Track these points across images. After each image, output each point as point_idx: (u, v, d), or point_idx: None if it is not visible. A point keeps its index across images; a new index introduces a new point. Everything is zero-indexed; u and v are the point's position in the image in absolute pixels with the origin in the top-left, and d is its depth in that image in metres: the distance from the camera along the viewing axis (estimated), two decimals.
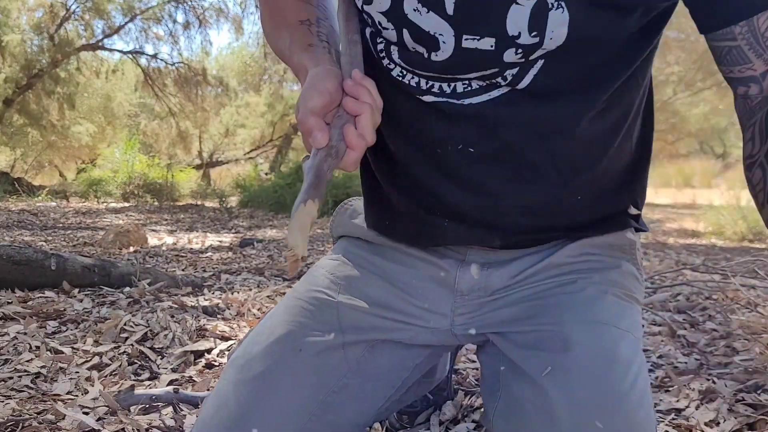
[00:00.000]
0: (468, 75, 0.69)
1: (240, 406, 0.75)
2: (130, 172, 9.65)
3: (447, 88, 0.71)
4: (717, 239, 5.98)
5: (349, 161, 0.64)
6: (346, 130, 0.64)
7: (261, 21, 0.88)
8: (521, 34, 0.63)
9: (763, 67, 0.57)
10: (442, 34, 0.66)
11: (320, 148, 0.63)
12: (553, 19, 0.62)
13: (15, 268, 2.33)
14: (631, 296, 0.80)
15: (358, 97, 0.65)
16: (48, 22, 12.45)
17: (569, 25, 0.62)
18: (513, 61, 0.66)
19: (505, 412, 0.73)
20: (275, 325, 0.82)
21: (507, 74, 0.68)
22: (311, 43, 0.76)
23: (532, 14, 0.62)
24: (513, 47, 0.64)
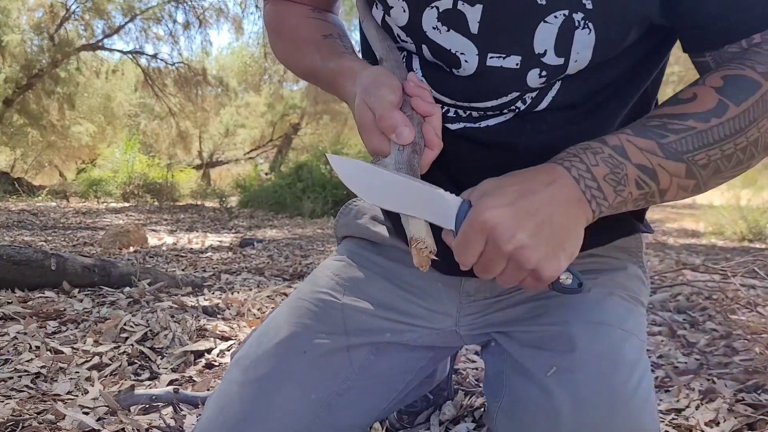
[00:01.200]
0: (487, 103, 0.69)
1: (244, 406, 0.75)
2: (130, 172, 9.66)
3: (463, 113, 0.72)
4: (717, 239, 5.98)
5: (427, 161, 0.64)
6: (425, 129, 0.63)
7: (275, 50, 0.86)
8: (547, 52, 0.64)
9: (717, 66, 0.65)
10: (464, 53, 0.66)
11: (406, 144, 0.61)
12: (579, 40, 0.63)
13: (15, 268, 2.34)
14: (636, 298, 0.80)
15: (424, 98, 0.65)
16: (48, 22, 12.46)
17: (594, 48, 0.63)
18: (535, 86, 0.67)
19: (509, 411, 0.73)
20: (280, 326, 0.82)
21: (527, 97, 0.68)
22: (344, 52, 0.75)
23: (560, 32, 0.62)
24: (538, 67, 0.65)
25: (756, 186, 6.82)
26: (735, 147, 0.61)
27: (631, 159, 0.60)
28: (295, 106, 17.00)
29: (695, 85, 0.63)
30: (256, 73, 16.58)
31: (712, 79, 0.62)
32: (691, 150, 0.60)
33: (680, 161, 0.60)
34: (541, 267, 0.57)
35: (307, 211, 7.61)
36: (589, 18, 0.62)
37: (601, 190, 0.60)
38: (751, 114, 0.60)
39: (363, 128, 0.65)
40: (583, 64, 0.64)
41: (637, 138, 0.60)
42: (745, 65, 0.61)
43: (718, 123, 0.60)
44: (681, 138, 0.60)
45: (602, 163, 0.60)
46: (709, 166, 0.61)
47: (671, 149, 0.60)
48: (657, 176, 0.61)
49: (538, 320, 0.76)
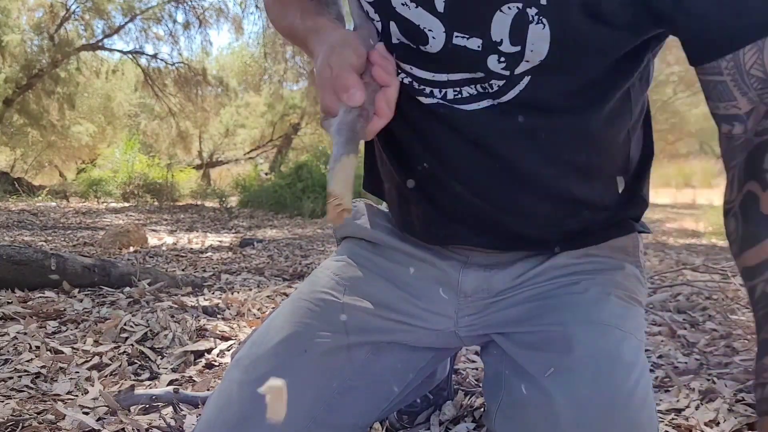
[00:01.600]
0: (457, 74, 0.69)
1: (244, 406, 0.75)
2: (130, 172, 9.66)
3: (438, 93, 0.71)
4: (717, 239, 5.98)
5: (373, 129, 0.64)
6: (378, 97, 0.63)
7: (265, 4, 0.88)
8: (503, 42, 0.64)
9: (747, 106, 0.56)
10: (432, 30, 0.66)
11: (354, 106, 0.61)
12: (534, 33, 0.62)
13: (15, 268, 2.33)
14: (634, 298, 0.80)
15: (386, 68, 0.65)
16: (48, 22, 12.45)
17: (551, 42, 0.62)
18: (498, 71, 0.66)
19: (508, 412, 0.73)
20: (280, 325, 0.82)
21: (493, 83, 0.68)
22: (323, 14, 0.76)
23: (513, 23, 0.62)
24: (496, 54, 0.65)
25: None
26: None
27: None
28: (295, 106, 16.99)
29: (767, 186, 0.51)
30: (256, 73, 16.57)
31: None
32: None
33: None
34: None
35: (307, 211, 7.61)
36: (543, 14, 0.60)
37: None
38: None
39: (320, 84, 0.65)
40: (541, 55, 0.63)
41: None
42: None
43: None
44: None
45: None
46: None
47: None
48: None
49: (536, 321, 0.76)
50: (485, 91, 0.69)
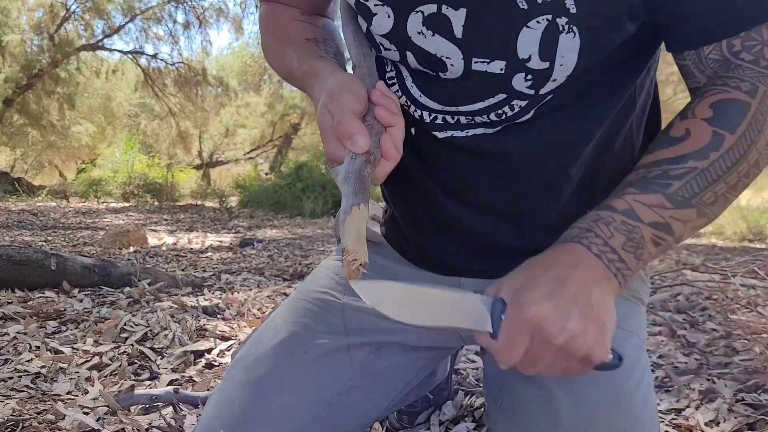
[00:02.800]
0: (474, 105, 0.69)
1: (244, 406, 0.75)
2: (130, 172, 9.66)
3: (451, 120, 0.71)
4: (717, 239, 5.98)
5: (382, 172, 0.62)
6: (383, 139, 0.62)
7: (263, 46, 0.86)
8: (531, 58, 0.63)
9: (705, 80, 0.65)
10: (450, 57, 0.66)
11: (360, 153, 0.59)
12: (564, 44, 0.62)
13: (15, 268, 2.34)
14: (636, 297, 0.80)
15: (389, 107, 0.63)
16: (48, 22, 12.46)
17: (579, 52, 0.62)
18: (522, 90, 0.66)
19: (509, 411, 0.73)
20: (280, 326, 0.82)
21: (514, 104, 0.67)
22: (321, 56, 0.75)
23: (543, 37, 0.61)
24: (523, 72, 0.64)
25: (756, 186, 6.83)
26: (739, 175, 0.61)
27: (643, 220, 0.59)
28: (295, 106, 17.00)
29: (685, 118, 0.63)
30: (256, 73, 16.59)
31: (700, 109, 0.62)
32: (697, 192, 0.60)
33: (690, 207, 0.60)
34: (592, 352, 0.56)
35: (307, 211, 7.62)
36: (573, 22, 0.60)
37: (623, 260, 0.59)
38: (747, 138, 0.60)
39: (322, 132, 0.64)
40: (569, 68, 0.63)
41: (644, 195, 0.60)
42: (730, 86, 0.61)
43: (718, 156, 0.60)
44: (685, 183, 0.60)
45: (617, 233, 0.59)
46: (718, 201, 0.61)
47: (679, 197, 0.60)
48: (671, 228, 0.60)
49: None
50: (499, 119, 0.69)
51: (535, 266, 0.60)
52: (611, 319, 0.58)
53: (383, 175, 0.62)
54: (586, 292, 0.56)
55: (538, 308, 0.55)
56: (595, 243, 0.59)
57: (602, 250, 0.59)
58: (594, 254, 0.59)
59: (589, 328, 0.55)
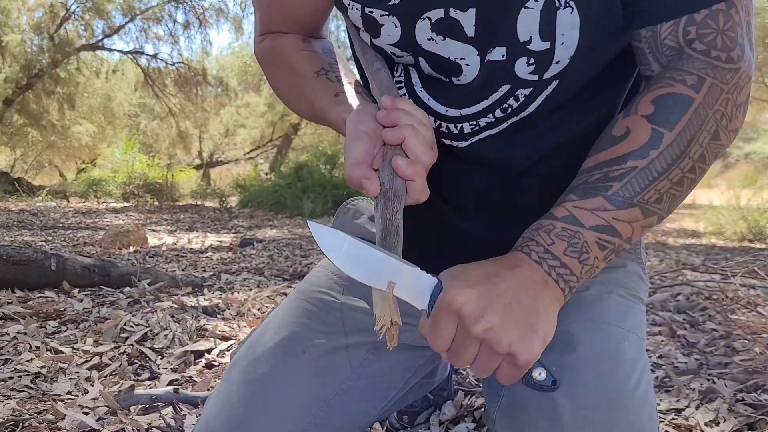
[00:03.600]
0: (479, 105, 0.68)
1: (244, 407, 0.75)
2: (130, 172, 9.66)
3: (454, 129, 0.71)
4: (717, 239, 5.98)
5: (415, 192, 0.61)
6: (394, 165, 0.61)
7: (271, 80, 0.84)
8: (532, 39, 0.63)
9: (658, 69, 0.63)
10: (464, 58, 0.66)
11: (375, 196, 0.60)
12: (563, 21, 0.61)
13: (15, 268, 2.34)
14: (636, 296, 0.80)
15: (394, 123, 0.63)
16: (48, 22, 12.46)
17: (580, 29, 0.62)
18: (525, 77, 0.66)
19: (508, 412, 0.73)
20: (279, 326, 0.82)
21: (519, 94, 0.67)
22: (337, 92, 0.74)
23: (542, 16, 0.61)
24: (525, 55, 0.64)
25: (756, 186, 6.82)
26: (682, 171, 0.60)
27: (584, 224, 0.59)
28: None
29: (627, 115, 0.62)
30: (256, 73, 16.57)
31: (642, 105, 0.61)
32: (638, 191, 0.60)
33: (632, 206, 0.60)
34: (515, 350, 0.55)
35: (307, 211, 7.61)
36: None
37: (565, 266, 0.59)
38: (687, 134, 0.59)
39: None
40: (571, 47, 0.63)
41: (584, 200, 0.60)
42: (675, 79, 0.60)
43: (657, 154, 0.59)
44: (625, 183, 0.59)
45: (557, 239, 0.59)
46: (663, 198, 0.61)
47: (620, 198, 0.59)
48: (616, 230, 0.60)
49: None
50: (505, 114, 0.69)
51: (476, 264, 0.60)
52: (546, 325, 0.57)
53: (419, 191, 0.62)
54: (515, 291, 0.56)
55: (461, 294, 0.55)
56: (536, 250, 0.59)
57: (542, 256, 0.59)
58: (534, 260, 0.59)
59: (511, 325, 0.55)
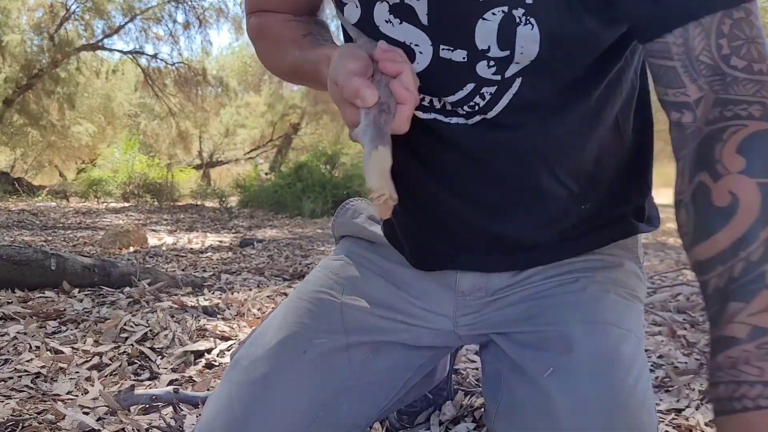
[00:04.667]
0: (447, 98, 0.68)
1: (244, 407, 0.75)
2: (130, 172, 9.66)
3: (437, 103, 0.71)
4: None
5: (402, 117, 0.60)
6: (393, 85, 0.60)
7: (260, 56, 0.85)
8: (491, 48, 0.63)
9: (696, 94, 0.54)
10: (418, 45, 0.66)
11: (370, 106, 0.59)
12: (523, 35, 0.61)
13: (15, 268, 2.33)
14: (634, 295, 0.80)
15: (393, 58, 0.62)
16: (48, 22, 12.46)
17: (541, 42, 0.61)
18: (488, 77, 0.65)
19: (507, 412, 0.73)
20: (279, 326, 0.82)
21: (484, 92, 0.67)
22: (323, 44, 0.75)
23: (500, 29, 0.61)
24: (485, 60, 0.64)
25: None
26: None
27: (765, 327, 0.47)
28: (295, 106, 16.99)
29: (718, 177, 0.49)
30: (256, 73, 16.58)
31: (728, 160, 0.49)
32: None
33: None
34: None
35: (307, 211, 7.61)
36: (530, 13, 0.59)
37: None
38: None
39: (336, 104, 0.64)
40: (531, 54, 0.62)
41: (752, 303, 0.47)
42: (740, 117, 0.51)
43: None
44: None
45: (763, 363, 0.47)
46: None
47: None
48: None
49: (534, 320, 0.76)
50: (472, 110, 0.69)
51: None
52: None
53: (405, 120, 0.60)
54: None
55: None
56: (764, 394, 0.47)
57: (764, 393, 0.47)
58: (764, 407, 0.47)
59: None
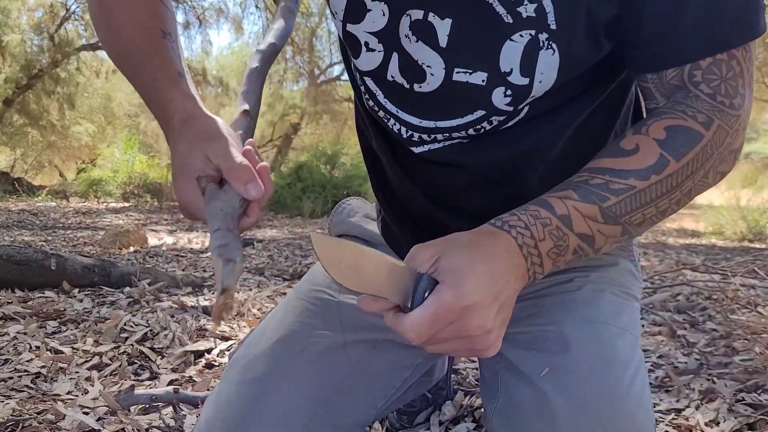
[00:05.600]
0: (452, 121, 0.69)
1: (243, 407, 0.75)
2: (130, 172, 9.66)
3: (427, 137, 0.71)
4: (717, 239, 5.99)
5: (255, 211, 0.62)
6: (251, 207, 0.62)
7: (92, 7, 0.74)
8: (513, 71, 0.64)
9: (663, 101, 0.65)
10: (431, 66, 0.66)
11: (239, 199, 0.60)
12: (544, 60, 0.62)
13: (15, 268, 2.33)
14: (629, 293, 0.80)
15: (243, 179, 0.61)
16: (48, 22, 12.46)
17: (559, 69, 0.63)
18: (501, 107, 0.66)
19: (505, 412, 0.73)
20: (278, 325, 0.82)
21: (493, 119, 0.68)
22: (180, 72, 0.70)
23: (525, 52, 0.62)
24: (503, 85, 0.65)
25: (756, 186, 6.82)
26: (670, 202, 0.62)
27: (574, 229, 0.60)
28: (295, 106, 16.99)
29: (638, 133, 0.63)
30: None
31: (654, 128, 0.62)
32: (629, 211, 0.60)
33: (617, 224, 0.61)
34: (492, 351, 0.57)
35: (307, 211, 7.62)
36: (552, 39, 0.61)
37: (542, 265, 0.60)
38: (689, 168, 0.61)
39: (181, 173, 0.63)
40: (548, 84, 0.64)
41: (582, 204, 0.60)
42: (687, 114, 0.61)
43: (657, 180, 0.60)
44: (621, 200, 0.60)
45: (548, 237, 0.59)
46: (644, 223, 0.62)
47: (611, 213, 0.60)
48: (594, 241, 0.61)
49: (530, 320, 0.76)
50: (477, 133, 0.69)
51: (472, 250, 0.58)
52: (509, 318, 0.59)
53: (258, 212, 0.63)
54: (508, 292, 0.57)
55: (474, 297, 0.54)
56: (527, 244, 0.59)
57: (530, 252, 0.59)
58: (523, 255, 0.59)
59: (499, 326, 0.57)
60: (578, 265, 0.80)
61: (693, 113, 0.61)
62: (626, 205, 0.60)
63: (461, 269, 0.55)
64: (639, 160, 0.61)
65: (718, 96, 0.61)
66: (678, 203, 0.63)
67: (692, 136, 0.61)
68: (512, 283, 0.58)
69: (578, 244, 0.60)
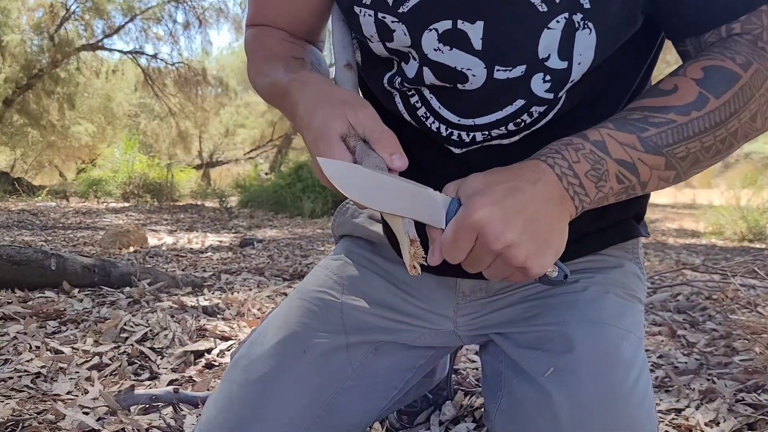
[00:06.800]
0: (492, 116, 0.69)
1: (244, 407, 0.75)
2: (130, 172, 9.65)
3: (466, 137, 0.71)
4: (717, 239, 5.98)
5: None
6: None
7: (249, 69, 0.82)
8: (551, 57, 0.64)
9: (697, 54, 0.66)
10: (471, 69, 0.66)
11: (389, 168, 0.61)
12: (580, 41, 0.63)
13: (15, 268, 2.34)
14: (633, 295, 0.80)
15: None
16: (48, 22, 12.46)
17: (596, 47, 0.63)
18: (541, 94, 0.66)
19: (507, 412, 0.73)
20: (279, 326, 0.82)
21: (533, 110, 0.68)
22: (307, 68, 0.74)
23: (563, 36, 0.63)
24: (542, 71, 0.65)
25: (756, 186, 6.82)
26: (715, 139, 0.62)
27: (611, 154, 0.60)
28: None
29: (675, 75, 0.64)
30: None
31: (692, 69, 0.63)
32: (671, 143, 0.61)
33: (660, 155, 0.61)
34: (529, 264, 0.58)
35: (307, 211, 7.61)
36: (588, 17, 0.62)
37: (582, 186, 0.60)
38: (731, 106, 0.61)
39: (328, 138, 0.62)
40: (586, 66, 0.64)
41: (618, 132, 0.61)
42: (725, 55, 0.62)
43: (698, 116, 0.61)
44: (661, 131, 0.61)
45: (583, 160, 0.60)
46: (688, 157, 0.62)
47: (651, 143, 0.61)
48: (637, 170, 0.61)
49: (534, 320, 0.76)
50: (518, 127, 0.69)
51: (497, 173, 0.61)
52: (559, 239, 0.60)
53: None
54: (535, 208, 0.58)
55: (484, 212, 0.56)
56: (560, 164, 0.60)
57: (565, 172, 0.60)
58: (556, 174, 0.60)
59: (529, 241, 0.57)
60: (583, 267, 0.80)
61: (731, 54, 0.62)
62: (667, 137, 0.60)
63: (476, 189, 0.59)
64: (678, 98, 0.61)
65: (759, 42, 0.62)
66: (723, 142, 0.62)
67: (730, 75, 0.61)
68: (537, 198, 0.58)
69: (618, 170, 0.60)
